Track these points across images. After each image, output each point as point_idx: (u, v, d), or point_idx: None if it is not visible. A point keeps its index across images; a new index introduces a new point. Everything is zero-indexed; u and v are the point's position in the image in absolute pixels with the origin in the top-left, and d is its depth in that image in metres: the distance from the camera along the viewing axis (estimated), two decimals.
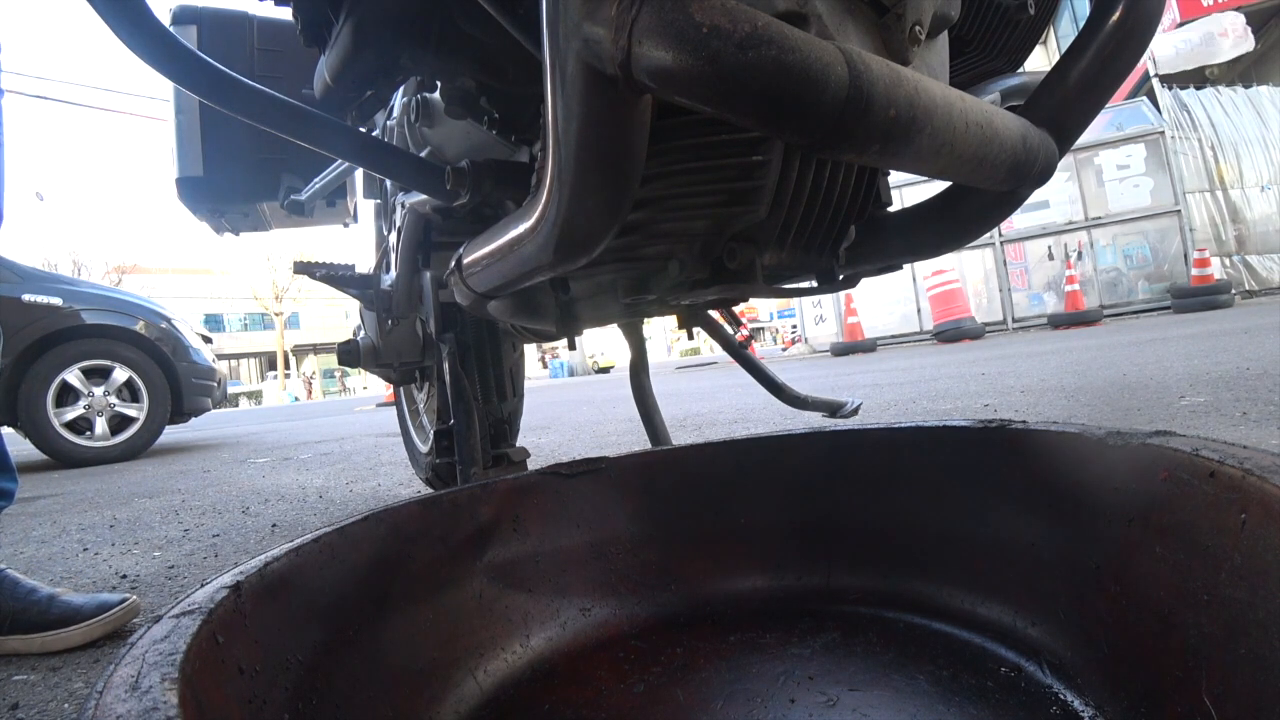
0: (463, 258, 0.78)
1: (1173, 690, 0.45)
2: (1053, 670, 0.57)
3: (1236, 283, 8.15)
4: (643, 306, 0.88)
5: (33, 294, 3.94)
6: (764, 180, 0.68)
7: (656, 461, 0.85)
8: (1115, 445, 0.55)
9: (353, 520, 0.62)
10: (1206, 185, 8.44)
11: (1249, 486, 0.43)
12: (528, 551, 0.75)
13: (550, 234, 0.56)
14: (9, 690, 0.91)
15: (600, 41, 0.43)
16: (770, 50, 0.39)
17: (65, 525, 2.14)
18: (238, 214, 1.76)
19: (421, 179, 0.88)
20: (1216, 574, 0.44)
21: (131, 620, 1.08)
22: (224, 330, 36.73)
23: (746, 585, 0.79)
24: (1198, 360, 2.94)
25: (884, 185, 0.81)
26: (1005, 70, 0.89)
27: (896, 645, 0.66)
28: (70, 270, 26.44)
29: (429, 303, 1.16)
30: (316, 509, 2.04)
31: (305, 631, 0.52)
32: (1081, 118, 0.66)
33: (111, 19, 0.74)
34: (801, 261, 0.77)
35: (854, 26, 0.55)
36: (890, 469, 0.76)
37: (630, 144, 0.51)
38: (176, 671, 0.35)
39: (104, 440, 4.20)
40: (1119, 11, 0.62)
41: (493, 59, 0.79)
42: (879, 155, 0.45)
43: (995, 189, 0.65)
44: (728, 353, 1.48)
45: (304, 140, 0.83)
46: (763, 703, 0.58)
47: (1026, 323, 8.83)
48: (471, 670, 0.65)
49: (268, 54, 1.60)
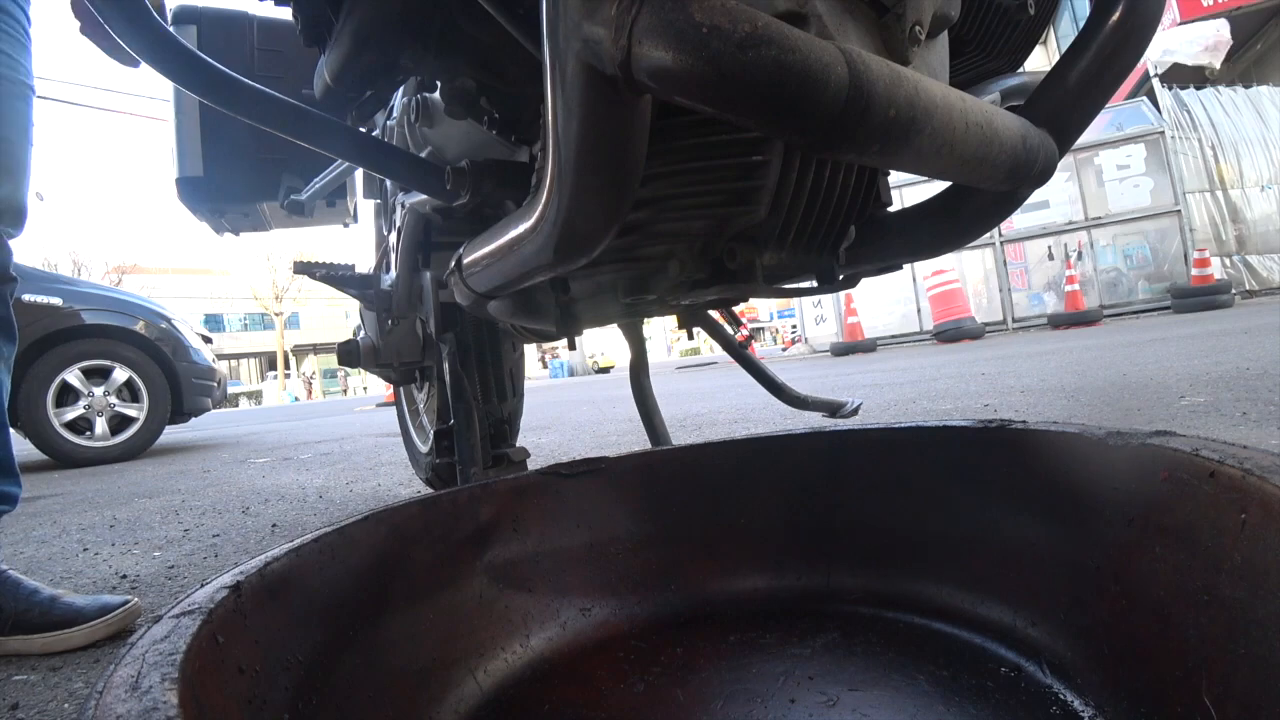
0: (463, 258, 0.78)
1: (1173, 690, 0.45)
2: (1053, 670, 0.57)
3: (1237, 283, 8.15)
4: (643, 306, 0.89)
5: (33, 294, 3.93)
6: (764, 180, 0.68)
7: (656, 461, 0.85)
8: (1115, 445, 0.55)
9: (353, 520, 0.62)
10: (1206, 185, 8.44)
11: (1249, 486, 0.43)
12: (528, 551, 0.75)
13: (550, 234, 0.56)
14: (9, 690, 0.91)
15: (600, 41, 0.43)
16: (770, 50, 0.39)
17: (65, 525, 2.14)
18: (238, 214, 1.76)
19: (421, 179, 0.88)
20: (1216, 574, 0.44)
21: (133, 622, 1.08)
22: (224, 330, 36.73)
23: (746, 585, 0.79)
24: (1198, 360, 2.94)
25: (884, 185, 0.81)
26: (1005, 70, 0.89)
27: (896, 645, 0.66)
28: (70, 270, 26.43)
29: (429, 303, 1.16)
30: (316, 509, 2.04)
31: (305, 631, 0.51)
32: (1081, 118, 0.66)
33: (111, 19, 0.74)
34: (801, 261, 0.77)
35: (854, 26, 0.55)
36: (890, 469, 0.76)
37: (630, 144, 0.51)
38: (176, 671, 0.35)
39: (104, 440, 4.20)
40: (1119, 11, 0.62)
41: (493, 59, 0.79)
42: (879, 155, 0.45)
43: (995, 189, 0.65)
44: (728, 353, 1.48)
45: (304, 140, 0.83)
46: (763, 703, 0.58)
47: (1026, 323, 8.83)
48: (471, 670, 0.65)
49: (268, 54, 1.60)
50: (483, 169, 0.80)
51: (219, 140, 1.58)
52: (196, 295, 34.45)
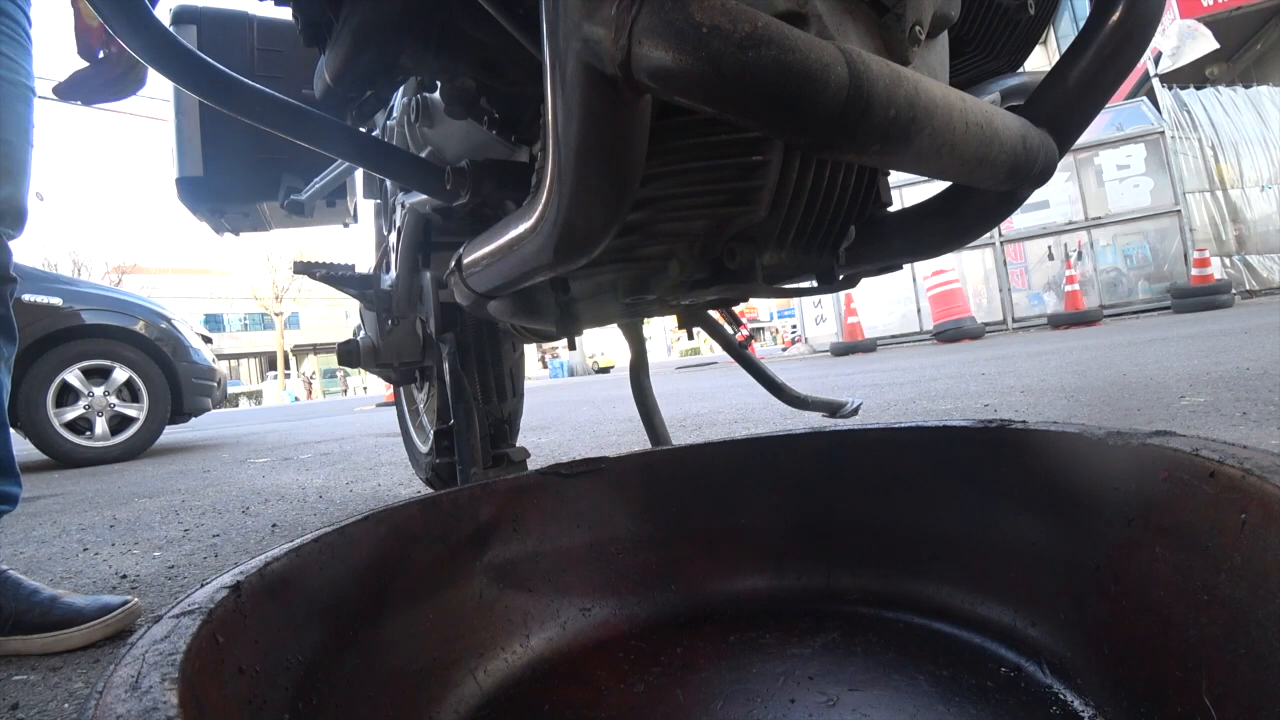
0: (463, 258, 0.78)
1: (1173, 690, 0.45)
2: (1053, 670, 0.57)
3: (1236, 283, 8.15)
4: (643, 306, 0.88)
5: (33, 294, 3.93)
6: (764, 180, 0.68)
7: (656, 461, 0.85)
8: (1115, 445, 0.55)
9: (353, 520, 0.62)
10: (1206, 185, 8.44)
11: (1249, 486, 0.43)
12: (528, 551, 0.75)
13: (550, 234, 0.56)
14: (9, 690, 0.91)
15: (600, 41, 0.43)
16: (770, 50, 0.39)
17: (65, 525, 2.14)
18: (238, 214, 1.76)
19: (421, 179, 0.88)
20: (1216, 574, 0.44)
21: (133, 622, 1.08)
22: (224, 330, 36.72)
23: (746, 585, 0.79)
24: (1198, 360, 2.94)
25: (884, 185, 0.81)
26: (1005, 70, 0.89)
27: (896, 645, 0.66)
28: (70, 270, 26.42)
29: (429, 303, 1.16)
30: (316, 509, 2.04)
31: (305, 631, 0.51)
32: (1081, 118, 0.66)
33: (112, 19, 0.74)
34: (801, 261, 0.77)
35: (854, 26, 0.55)
36: (890, 469, 0.76)
37: (630, 144, 0.51)
38: (176, 671, 0.35)
39: (104, 440, 4.20)
40: (1119, 12, 0.62)
41: (493, 59, 0.79)
42: (879, 155, 0.45)
43: (995, 189, 0.65)
44: (728, 353, 1.48)
45: (304, 140, 0.83)
46: (763, 703, 0.58)
47: (1026, 323, 8.83)
48: (471, 670, 0.65)
49: (268, 54, 1.60)
50: (483, 169, 0.80)
51: (219, 140, 1.58)
52: (196, 295, 34.45)
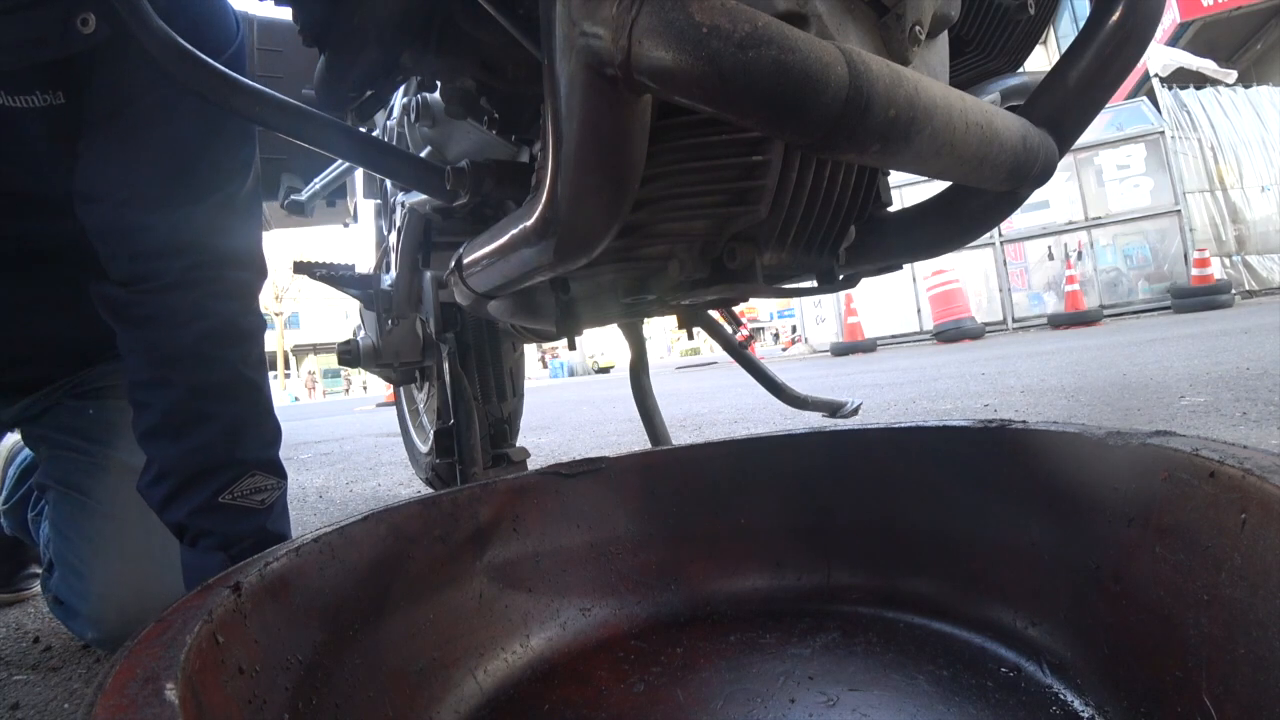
0: (463, 258, 0.78)
1: (1173, 690, 0.45)
2: (1053, 670, 0.57)
3: (1236, 283, 8.15)
4: (643, 306, 0.88)
5: None
6: (764, 180, 0.68)
7: (656, 461, 0.85)
8: (1115, 445, 0.55)
9: (353, 520, 0.62)
10: (1206, 185, 8.44)
11: (1249, 486, 0.43)
12: (528, 551, 0.75)
13: (550, 234, 0.56)
14: (9, 690, 0.91)
15: (600, 41, 0.43)
16: (770, 50, 0.39)
17: None
18: None
19: (421, 179, 0.88)
20: (1216, 574, 0.44)
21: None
22: None
23: (746, 585, 0.79)
24: (1198, 360, 2.94)
25: (884, 185, 0.81)
26: (1005, 70, 0.89)
27: (896, 645, 0.66)
28: None
29: (429, 303, 1.16)
30: (316, 509, 2.04)
31: (305, 631, 0.51)
32: (1081, 118, 0.66)
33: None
34: (802, 261, 0.77)
35: (854, 26, 0.55)
36: (890, 469, 0.76)
37: (630, 144, 0.51)
38: (176, 671, 0.35)
39: None
40: (1119, 12, 0.62)
41: (493, 59, 0.79)
42: (879, 155, 0.45)
43: (995, 189, 0.65)
44: (728, 353, 1.48)
45: (304, 140, 0.83)
46: (763, 703, 0.58)
47: (1026, 323, 8.83)
48: (471, 670, 0.65)
49: (268, 54, 1.60)
50: (483, 169, 0.80)
51: None
52: None
